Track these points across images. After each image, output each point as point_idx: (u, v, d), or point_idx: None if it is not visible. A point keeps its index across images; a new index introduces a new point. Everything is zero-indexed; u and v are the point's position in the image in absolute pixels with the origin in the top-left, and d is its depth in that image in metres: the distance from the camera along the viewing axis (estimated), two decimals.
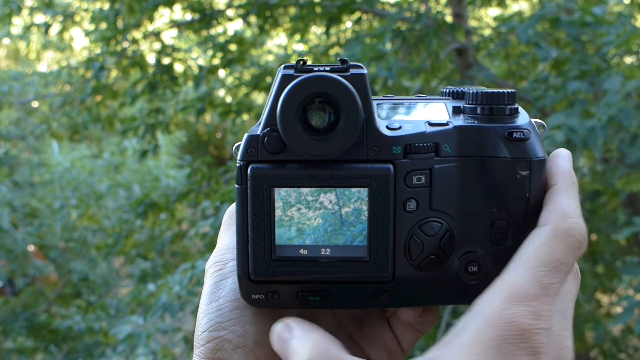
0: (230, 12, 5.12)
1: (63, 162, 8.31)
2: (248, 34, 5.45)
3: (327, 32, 4.80)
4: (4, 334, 7.13)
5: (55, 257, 7.82)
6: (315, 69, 0.55)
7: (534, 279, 0.50)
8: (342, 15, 4.62)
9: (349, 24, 4.94)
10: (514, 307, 0.49)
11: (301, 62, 0.55)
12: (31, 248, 8.12)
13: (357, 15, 4.72)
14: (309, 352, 0.52)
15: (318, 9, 4.56)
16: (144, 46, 5.54)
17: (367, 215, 0.55)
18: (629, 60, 3.72)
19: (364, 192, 0.55)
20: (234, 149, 0.58)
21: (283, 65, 0.56)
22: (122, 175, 8.22)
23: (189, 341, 4.89)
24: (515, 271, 0.51)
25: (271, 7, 4.68)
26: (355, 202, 0.55)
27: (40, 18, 5.73)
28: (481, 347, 0.48)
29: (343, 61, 0.56)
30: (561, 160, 0.58)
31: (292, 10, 4.76)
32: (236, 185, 0.56)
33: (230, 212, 0.65)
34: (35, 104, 7.78)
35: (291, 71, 0.55)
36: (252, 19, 4.91)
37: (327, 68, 0.55)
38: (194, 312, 4.35)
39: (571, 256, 0.52)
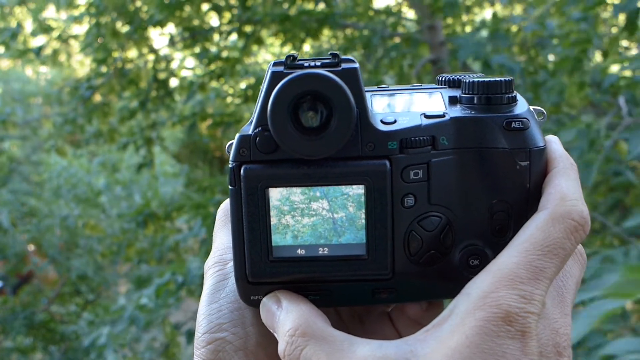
0: (218, 29, 5.08)
1: (60, 162, 8.22)
2: (239, 44, 5.40)
3: (300, 46, 4.75)
4: (3, 333, 7.02)
5: (55, 255, 7.71)
6: (306, 64, 0.51)
7: (526, 262, 0.47)
8: (322, 29, 4.58)
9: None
10: (502, 289, 0.45)
11: (291, 58, 0.51)
12: (31, 248, 8.02)
13: (331, 32, 4.69)
14: (294, 323, 0.49)
15: (300, 20, 4.51)
16: (139, 61, 5.48)
17: (362, 220, 0.51)
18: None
19: (358, 192, 0.50)
20: (226, 148, 0.54)
21: (273, 62, 0.52)
22: (120, 174, 8.14)
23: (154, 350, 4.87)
24: (507, 254, 0.48)
25: (253, 24, 4.63)
26: (348, 207, 0.51)
27: (34, 41, 5.68)
28: (466, 328, 0.45)
29: (334, 55, 0.51)
30: (554, 145, 0.54)
31: (275, 25, 4.72)
32: (229, 187, 0.52)
33: (224, 209, 0.60)
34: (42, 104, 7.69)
35: (281, 68, 0.51)
36: (234, 35, 4.87)
37: (318, 63, 0.51)
38: (162, 323, 4.36)
39: (570, 240, 0.48)
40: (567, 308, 0.50)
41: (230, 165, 0.51)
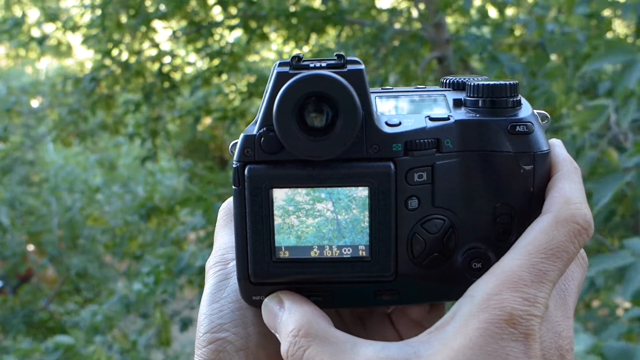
0: (222, 24, 5.07)
1: (57, 160, 8.22)
2: (243, 39, 5.39)
3: (306, 41, 4.73)
4: (3, 332, 7.02)
5: (54, 253, 7.70)
6: (311, 65, 0.50)
7: (530, 265, 0.46)
8: (327, 26, 4.57)
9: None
10: (506, 292, 0.45)
11: (296, 59, 0.51)
12: (31, 247, 8.02)
13: (336, 28, 4.67)
14: (296, 323, 0.49)
15: (305, 16, 4.50)
16: (144, 54, 5.47)
17: (365, 222, 0.51)
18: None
19: (363, 193, 0.50)
20: (230, 147, 0.53)
21: (278, 62, 0.52)
22: (118, 171, 8.13)
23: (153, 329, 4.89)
24: (510, 257, 0.47)
25: (258, 19, 4.62)
26: (352, 209, 0.51)
27: (37, 32, 5.67)
28: (470, 330, 0.45)
29: (340, 56, 0.51)
30: (558, 148, 0.54)
31: (280, 21, 4.71)
32: (233, 187, 0.52)
33: (226, 209, 0.60)
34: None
35: (286, 68, 0.50)
36: (239, 30, 4.86)
37: (324, 64, 0.50)
38: (156, 307, 4.40)
39: (574, 243, 0.48)
40: (570, 311, 0.50)
41: (234, 165, 0.51)
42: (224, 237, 0.58)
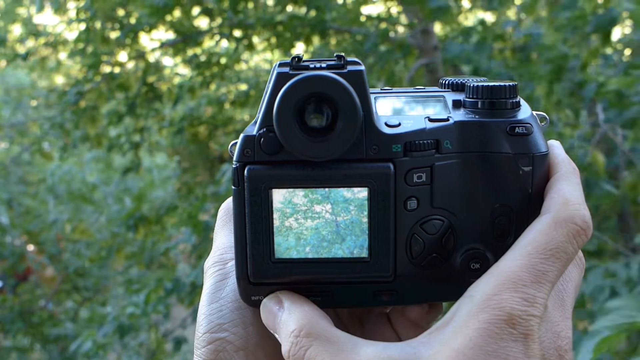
0: (208, 33, 5.07)
1: (54, 160, 8.20)
2: (232, 46, 5.39)
3: (289, 49, 4.74)
4: (2, 331, 6.97)
5: (52, 252, 7.66)
6: (312, 65, 0.51)
7: (529, 265, 0.47)
8: (313, 34, 4.58)
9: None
10: (505, 292, 0.46)
11: (296, 59, 0.51)
12: (31, 247, 7.98)
13: (323, 36, 4.69)
14: (296, 323, 0.50)
15: (292, 24, 4.50)
16: (129, 65, 5.46)
17: (365, 223, 0.51)
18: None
19: (362, 194, 0.51)
20: (229, 147, 0.54)
21: (278, 63, 0.52)
22: (113, 169, 8.12)
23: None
24: (510, 258, 0.48)
25: (244, 27, 4.62)
26: (351, 210, 0.51)
27: (22, 47, 5.66)
28: (470, 330, 0.45)
29: (340, 57, 0.51)
30: (557, 149, 0.55)
31: (267, 30, 4.71)
32: (232, 187, 0.52)
33: (225, 209, 0.60)
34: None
35: (286, 69, 0.51)
36: (224, 40, 4.87)
37: (324, 65, 0.51)
38: (149, 330, 4.36)
39: (572, 244, 0.49)
40: (568, 312, 0.51)
41: (234, 166, 0.51)
42: (223, 237, 0.59)
